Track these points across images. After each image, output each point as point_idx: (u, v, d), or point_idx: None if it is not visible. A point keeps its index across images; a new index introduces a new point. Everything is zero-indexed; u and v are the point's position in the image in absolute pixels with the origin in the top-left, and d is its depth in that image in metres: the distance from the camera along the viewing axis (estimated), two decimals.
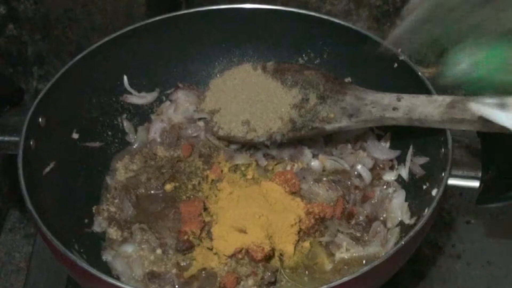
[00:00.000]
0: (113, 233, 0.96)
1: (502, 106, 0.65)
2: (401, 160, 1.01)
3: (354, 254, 0.92)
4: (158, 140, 1.07)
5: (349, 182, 0.99)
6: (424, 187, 0.94)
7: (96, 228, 0.97)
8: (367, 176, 1.00)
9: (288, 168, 1.01)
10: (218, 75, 1.13)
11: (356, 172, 1.00)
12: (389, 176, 1.00)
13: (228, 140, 1.03)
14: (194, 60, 1.13)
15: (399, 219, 0.95)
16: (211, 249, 0.91)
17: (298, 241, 0.92)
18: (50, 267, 1.05)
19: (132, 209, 0.99)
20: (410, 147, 0.99)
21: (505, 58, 0.66)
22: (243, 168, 1.03)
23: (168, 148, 1.06)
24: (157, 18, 1.09)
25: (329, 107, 0.97)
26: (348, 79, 1.07)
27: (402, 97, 0.93)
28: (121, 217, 0.98)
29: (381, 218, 0.96)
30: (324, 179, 0.98)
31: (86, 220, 0.97)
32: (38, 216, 0.82)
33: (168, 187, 1.02)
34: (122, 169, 1.04)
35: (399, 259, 0.84)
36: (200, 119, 1.08)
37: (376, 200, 0.98)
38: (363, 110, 0.95)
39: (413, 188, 0.97)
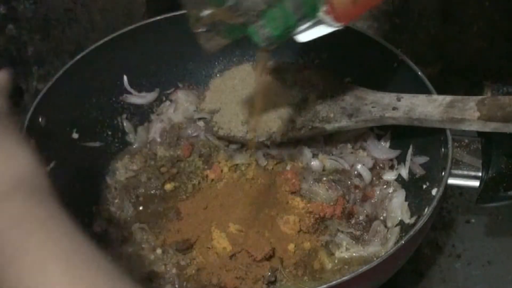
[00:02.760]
0: (113, 233, 0.96)
1: (319, 22, 0.73)
2: (401, 159, 1.01)
3: (354, 254, 0.92)
4: (158, 140, 1.07)
5: (349, 182, 0.99)
6: (424, 186, 0.94)
7: (96, 228, 0.97)
8: (367, 175, 1.00)
9: (288, 168, 1.01)
10: (218, 75, 1.13)
11: (356, 172, 1.00)
12: (389, 176, 1.00)
13: (228, 140, 1.03)
14: (194, 60, 1.13)
15: (399, 218, 0.95)
16: (211, 249, 0.91)
17: (298, 240, 0.93)
18: None
19: (132, 209, 0.99)
20: (410, 146, 0.99)
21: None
22: (243, 168, 1.03)
23: (168, 148, 1.06)
24: (157, 18, 1.09)
25: (329, 106, 0.97)
26: (348, 79, 1.07)
27: (402, 97, 0.93)
28: (121, 217, 0.98)
29: (381, 217, 0.96)
30: (324, 178, 0.98)
31: (86, 220, 0.97)
32: None
33: (168, 187, 1.02)
34: (122, 169, 1.04)
35: (399, 258, 0.84)
36: (200, 119, 1.08)
37: (376, 200, 0.98)
38: (363, 110, 0.95)
39: (413, 188, 0.97)
